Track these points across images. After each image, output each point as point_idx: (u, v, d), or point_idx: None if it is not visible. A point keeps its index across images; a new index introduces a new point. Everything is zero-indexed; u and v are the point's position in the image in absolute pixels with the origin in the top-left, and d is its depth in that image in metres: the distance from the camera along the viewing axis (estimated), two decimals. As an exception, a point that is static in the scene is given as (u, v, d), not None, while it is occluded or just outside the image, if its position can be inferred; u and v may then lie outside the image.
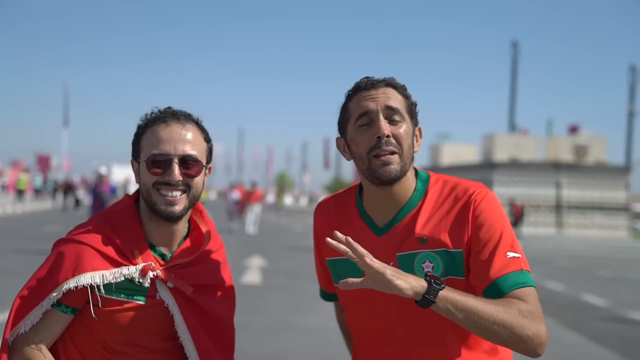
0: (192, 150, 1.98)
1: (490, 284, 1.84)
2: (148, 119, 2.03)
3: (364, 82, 1.97)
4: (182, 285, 1.99)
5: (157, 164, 1.95)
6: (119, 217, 2.03)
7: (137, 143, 2.04)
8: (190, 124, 2.02)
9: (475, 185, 1.98)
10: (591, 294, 12.60)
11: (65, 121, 48.85)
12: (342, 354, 7.12)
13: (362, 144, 1.91)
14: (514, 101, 36.55)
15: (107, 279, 1.92)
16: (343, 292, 2.08)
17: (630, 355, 7.77)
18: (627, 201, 29.39)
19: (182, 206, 1.98)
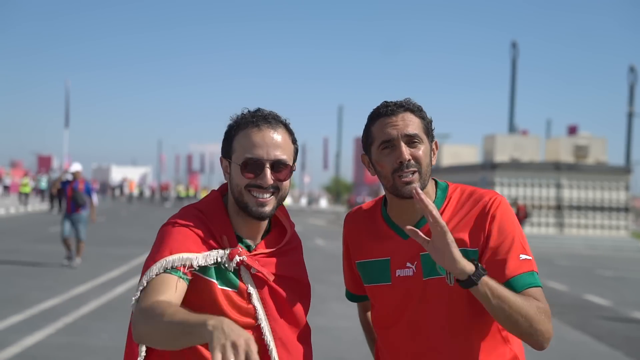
0: (282, 154, 2.08)
1: (504, 282, 2.03)
2: (240, 121, 2.12)
3: (383, 108, 2.19)
4: (264, 272, 2.10)
5: (250, 168, 2.06)
6: (209, 208, 2.15)
7: (229, 143, 2.13)
8: (281, 127, 2.11)
9: (490, 192, 2.21)
10: (593, 294, 12.75)
11: (66, 122, 48.95)
12: (353, 352, 7.31)
13: (387, 166, 2.15)
14: (514, 102, 36.72)
15: (201, 261, 2.02)
16: (372, 291, 2.29)
17: (634, 354, 7.93)
18: (627, 201, 29.56)
19: (272, 207, 2.10)
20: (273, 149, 2.07)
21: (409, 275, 2.18)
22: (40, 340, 7.10)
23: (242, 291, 2.09)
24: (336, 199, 66.98)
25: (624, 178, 29.52)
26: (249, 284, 2.09)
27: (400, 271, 2.20)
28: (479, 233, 2.13)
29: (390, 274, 2.21)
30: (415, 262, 2.17)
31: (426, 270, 2.15)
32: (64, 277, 11.49)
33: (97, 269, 12.46)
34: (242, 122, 2.11)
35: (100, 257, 14.54)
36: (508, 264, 2.07)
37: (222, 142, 2.17)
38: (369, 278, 2.29)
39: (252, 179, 2.06)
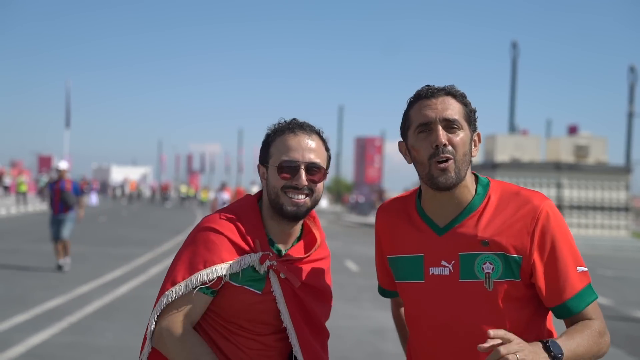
0: (316, 158, 2.20)
1: (562, 303, 2.00)
2: (277, 129, 2.25)
3: (424, 91, 2.07)
4: (292, 278, 2.19)
5: (286, 170, 2.17)
6: (244, 211, 2.25)
7: (266, 149, 2.25)
8: (315, 134, 2.25)
9: (537, 195, 2.06)
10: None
11: (67, 122, 48.97)
12: (356, 352, 7.35)
13: (422, 151, 2.02)
14: (514, 102, 36.76)
15: (234, 269, 2.14)
16: (403, 288, 2.18)
17: (636, 353, 7.96)
18: (627, 201, 29.59)
19: (306, 207, 2.20)
20: (308, 152, 2.19)
21: (444, 275, 2.06)
22: (45, 340, 7.13)
23: (267, 294, 2.19)
24: (337, 199, 67.01)
25: (624, 178, 29.55)
26: (275, 287, 2.19)
27: (434, 269, 2.08)
28: (524, 240, 2.00)
29: (423, 271, 2.10)
30: (452, 262, 2.05)
31: (464, 272, 2.04)
32: (67, 277, 11.52)
33: (100, 269, 12.49)
34: (279, 130, 2.24)
35: (103, 257, 14.58)
36: (568, 282, 1.99)
37: (259, 150, 2.29)
38: (401, 274, 2.18)
39: (288, 179, 2.17)
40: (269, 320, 2.21)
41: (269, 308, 2.19)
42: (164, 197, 57.45)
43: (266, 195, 2.24)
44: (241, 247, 2.17)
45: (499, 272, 2.01)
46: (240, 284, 2.16)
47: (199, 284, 2.12)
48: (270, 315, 2.21)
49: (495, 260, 2.01)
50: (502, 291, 2.00)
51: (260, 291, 2.17)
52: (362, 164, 50.85)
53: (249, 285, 2.16)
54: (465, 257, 2.04)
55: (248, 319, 2.19)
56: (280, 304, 2.19)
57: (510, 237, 2.01)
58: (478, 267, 2.02)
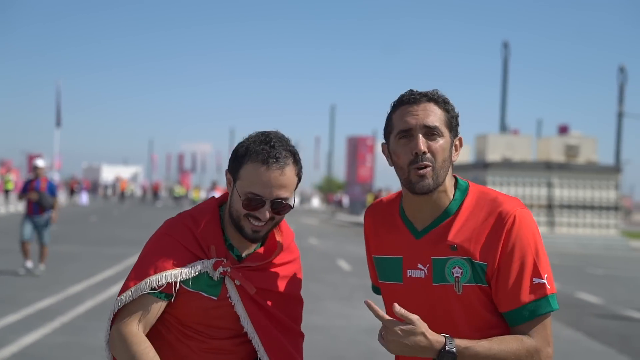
0: (284, 193, 2.15)
1: (511, 310, 2.00)
2: (251, 150, 2.15)
3: (407, 96, 2.09)
4: (246, 285, 2.18)
5: (252, 202, 2.13)
6: (203, 215, 2.24)
7: (237, 165, 2.18)
8: (289, 165, 2.16)
9: (511, 202, 2.07)
10: (585, 292, 12.87)
11: (57, 121, 48.73)
12: (350, 351, 7.37)
13: (403, 157, 2.05)
14: (505, 101, 36.86)
15: (185, 275, 2.14)
16: (384, 290, 2.24)
17: (626, 351, 8.02)
18: (617, 200, 29.75)
19: (266, 231, 2.19)
20: (277, 189, 2.14)
21: (420, 277, 2.10)
22: (37, 340, 7.11)
23: (223, 299, 2.19)
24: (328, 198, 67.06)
25: (614, 177, 29.70)
26: (231, 293, 2.19)
27: (411, 272, 2.12)
28: (490, 247, 2.02)
29: (402, 273, 2.15)
30: (427, 265, 2.09)
31: (436, 276, 2.07)
32: (59, 277, 11.48)
33: (92, 269, 12.45)
34: (253, 153, 2.15)
35: (94, 256, 14.54)
36: (518, 292, 2.00)
37: (230, 157, 2.23)
38: (383, 275, 2.23)
39: (251, 211, 2.15)
40: (229, 325, 2.22)
41: (227, 313, 2.20)
42: (155, 196, 57.33)
43: (229, 206, 2.23)
44: (195, 253, 2.18)
45: (467, 276, 2.04)
46: (196, 290, 2.16)
47: (147, 289, 2.13)
48: (229, 320, 2.21)
49: (463, 264, 2.05)
50: (471, 294, 2.03)
51: (215, 297, 2.18)
52: (354, 164, 50.81)
53: (204, 291, 2.17)
54: (437, 261, 2.08)
55: (205, 324, 2.20)
56: (238, 309, 2.19)
57: (478, 243, 2.04)
58: (448, 271, 2.06)
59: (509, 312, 2.02)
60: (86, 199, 46.72)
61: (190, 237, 2.19)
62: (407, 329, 1.92)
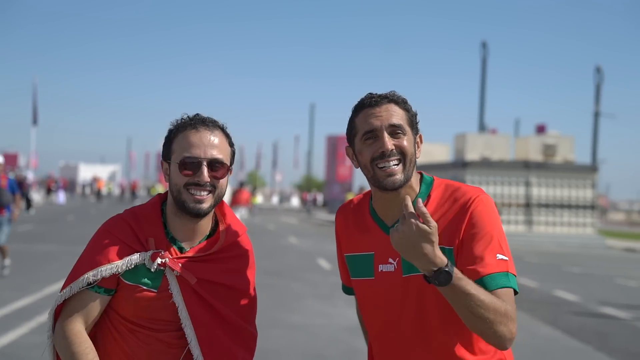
0: (219, 154, 2.18)
1: (477, 279, 1.99)
2: (179, 124, 2.23)
3: (367, 99, 2.16)
4: (187, 275, 2.18)
5: (188, 166, 2.15)
6: (144, 210, 2.26)
7: (169, 146, 2.23)
8: (217, 130, 2.22)
9: (474, 189, 2.16)
10: (563, 290, 13.00)
11: (34, 119, 48.23)
12: (331, 349, 7.38)
13: (367, 156, 2.13)
14: (484, 101, 37.08)
15: (121, 268, 2.16)
16: (357, 286, 2.29)
17: (603, 348, 8.10)
18: (593, 199, 30.06)
19: (209, 204, 2.18)
20: (210, 148, 2.17)
21: (390, 271, 2.17)
22: (15, 340, 7.04)
23: (163, 291, 2.19)
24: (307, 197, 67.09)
25: (591, 176, 30.02)
26: (172, 285, 2.19)
27: (382, 266, 2.19)
28: (455, 231, 2.09)
29: (373, 268, 2.21)
30: (396, 259, 2.16)
31: (406, 267, 2.13)
32: (36, 276, 11.37)
33: (69, 269, 12.20)
34: (181, 125, 2.22)
35: (72, 256, 14.30)
36: (483, 262, 2.02)
37: (162, 146, 2.27)
38: (355, 272, 2.28)
39: (190, 176, 2.15)
40: (169, 318, 2.21)
41: (168, 305, 2.19)
42: (133, 195, 56.96)
43: (170, 189, 2.24)
44: (133, 247, 2.18)
45: None
46: (135, 283, 2.17)
47: (84, 285, 2.15)
48: (170, 313, 2.21)
49: None
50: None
51: (156, 289, 2.18)
52: (334, 162, 50.83)
53: (144, 284, 2.18)
54: None
55: (146, 317, 2.20)
56: (177, 300, 2.19)
57: (445, 230, 2.09)
58: None
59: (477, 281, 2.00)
60: (63, 197, 46.30)
61: (129, 232, 2.20)
62: (422, 228, 1.89)
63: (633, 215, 73.86)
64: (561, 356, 7.74)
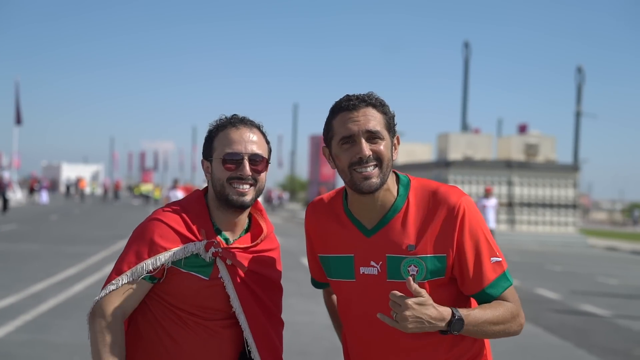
0: (258, 149, 2.31)
1: (480, 291, 2.15)
2: (219, 124, 2.35)
3: (345, 102, 2.15)
4: (238, 263, 2.28)
5: (231, 161, 2.28)
6: (190, 203, 2.35)
7: (209, 144, 2.35)
8: (255, 128, 2.35)
9: (454, 191, 2.19)
10: (544, 288, 13.15)
11: (16, 119, 47.85)
12: (314, 346, 7.44)
13: (344, 160, 2.14)
14: (466, 101, 37.31)
15: (178, 255, 2.24)
16: (335, 286, 2.31)
17: (583, 345, 8.23)
18: (575, 198, 30.36)
19: (251, 197, 2.30)
20: (250, 144, 2.30)
21: (372, 274, 2.18)
22: (0, 338, 7.05)
23: (214, 279, 2.27)
24: (291, 197, 67.10)
25: (572, 176, 30.31)
26: (223, 273, 2.28)
27: (364, 269, 2.19)
28: (446, 239, 2.13)
29: (354, 271, 2.21)
30: (380, 263, 2.17)
31: (390, 272, 2.16)
32: (20, 275, 11.34)
33: (53, 268, 12.31)
34: (221, 125, 2.34)
35: (55, 255, 14.37)
36: (482, 272, 2.14)
37: (202, 146, 2.39)
38: (333, 273, 2.28)
39: (232, 170, 2.27)
40: (218, 306, 2.29)
41: (217, 293, 2.27)
42: (116, 195, 56.67)
43: (212, 188, 2.34)
44: (186, 236, 2.27)
45: (423, 274, 2.15)
46: (188, 271, 2.25)
47: (144, 273, 2.23)
48: (219, 301, 2.29)
49: (419, 263, 2.15)
50: (425, 288, 2.12)
51: (207, 277, 2.26)
52: (317, 162, 50.95)
53: (196, 272, 2.25)
54: (392, 259, 2.17)
55: (196, 305, 2.27)
56: (228, 288, 2.28)
57: (433, 238, 2.15)
58: (404, 269, 2.16)
59: (478, 294, 2.17)
60: (46, 197, 45.99)
61: (181, 221, 2.29)
62: (419, 301, 2.00)
63: (615, 215, 74.57)
64: (542, 352, 7.86)
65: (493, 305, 2.14)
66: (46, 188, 49.05)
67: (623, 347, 8.28)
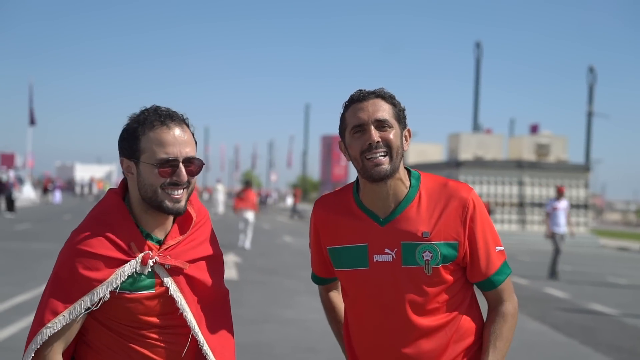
0: (192, 151, 2.16)
1: (487, 278, 2.31)
2: (145, 119, 2.13)
3: (356, 95, 2.29)
4: (179, 263, 2.16)
5: (166, 167, 2.10)
6: (109, 214, 2.16)
7: (135, 143, 2.13)
8: (184, 125, 2.16)
9: (463, 185, 2.32)
10: (553, 287, 13.20)
11: (30, 120, 48.26)
12: (323, 343, 7.55)
13: (356, 148, 2.24)
14: (478, 101, 37.26)
15: (115, 284, 2.08)
16: (345, 276, 2.35)
17: (589, 342, 8.28)
18: (586, 199, 30.28)
19: (184, 201, 2.16)
20: (184, 146, 2.13)
21: (387, 261, 2.26)
22: (14, 333, 7.23)
23: (158, 289, 2.16)
24: (303, 197, 67.25)
25: (584, 176, 30.23)
26: (165, 280, 2.15)
27: (378, 257, 2.26)
28: (458, 228, 2.26)
29: (368, 259, 2.28)
30: (395, 250, 2.25)
31: (405, 258, 2.24)
32: (34, 273, 11.52)
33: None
34: (148, 121, 2.12)
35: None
36: (490, 260, 2.29)
37: (121, 141, 2.18)
38: (344, 263, 2.33)
39: (167, 176, 2.11)
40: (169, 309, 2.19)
41: (165, 299, 2.17)
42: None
43: (136, 191, 2.16)
44: (117, 258, 2.10)
45: (437, 259, 2.26)
46: (136, 291, 2.12)
47: (82, 311, 2.09)
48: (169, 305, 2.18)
49: (434, 249, 2.26)
50: (438, 274, 2.26)
51: (152, 289, 2.14)
52: (329, 162, 51.09)
53: (139, 290, 2.13)
54: (407, 246, 2.27)
55: (152, 316, 2.16)
56: (172, 292, 2.16)
57: (447, 226, 2.27)
58: (419, 255, 2.26)
59: (485, 280, 2.31)
60: (59, 197, 46.35)
61: (106, 243, 2.11)
62: None
63: (629, 215, 74.03)
64: (547, 349, 7.93)
65: (497, 329, 2.32)
66: (59, 188, 49.45)
67: (629, 344, 8.32)
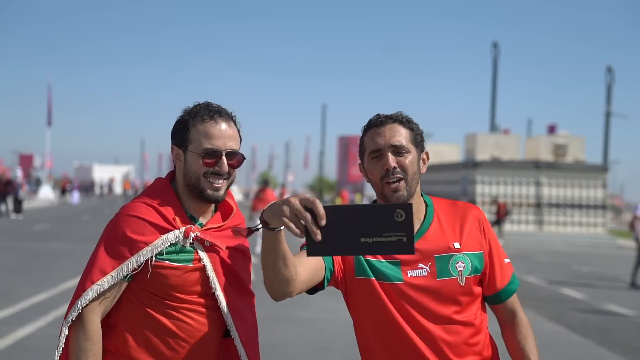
0: (235, 145, 2.35)
1: (502, 288, 2.40)
2: (196, 113, 2.35)
3: (374, 120, 2.36)
4: (217, 243, 2.33)
5: (210, 157, 2.30)
6: (159, 193, 2.36)
7: (185, 133, 2.34)
8: (231, 121, 2.38)
9: (472, 205, 2.47)
10: (570, 288, 13.14)
11: (48, 120, 48.73)
12: (336, 343, 7.60)
13: (375, 174, 2.31)
14: (495, 101, 37.11)
15: (159, 247, 2.25)
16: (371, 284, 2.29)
17: (604, 343, 8.26)
18: (604, 199, 30.06)
19: (224, 190, 2.36)
20: (228, 140, 2.33)
21: (422, 276, 2.30)
22: (32, 333, 7.31)
23: (196, 264, 2.31)
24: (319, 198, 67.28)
25: (602, 176, 30.01)
26: (202, 256, 2.32)
27: (412, 272, 2.30)
28: (481, 238, 2.38)
29: (401, 274, 2.30)
30: (429, 264, 2.31)
31: (440, 271, 2.30)
32: (52, 273, 11.66)
33: (83, 265, 12.40)
34: (199, 115, 2.34)
35: (85, 254, 14.49)
36: (504, 271, 2.40)
37: (174, 131, 2.39)
38: (376, 274, 2.30)
39: (210, 166, 2.31)
40: (203, 289, 2.33)
41: (200, 277, 2.31)
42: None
43: (182, 177, 2.36)
44: (162, 226, 2.27)
45: (469, 269, 2.35)
46: (170, 261, 2.26)
47: (129, 272, 2.23)
48: (203, 284, 2.32)
49: (465, 259, 2.35)
50: (470, 284, 2.34)
51: (190, 263, 2.29)
52: (346, 163, 51.14)
53: (179, 261, 2.28)
54: (441, 259, 2.33)
55: (185, 292, 2.29)
56: (209, 270, 2.32)
57: (471, 237, 2.38)
58: (452, 267, 2.33)
59: (502, 290, 2.40)
60: (77, 198, 46.74)
61: (154, 212, 2.29)
62: None
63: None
64: (562, 350, 7.91)
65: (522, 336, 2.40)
66: (77, 189, 49.87)
67: (645, 346, 8.28)
